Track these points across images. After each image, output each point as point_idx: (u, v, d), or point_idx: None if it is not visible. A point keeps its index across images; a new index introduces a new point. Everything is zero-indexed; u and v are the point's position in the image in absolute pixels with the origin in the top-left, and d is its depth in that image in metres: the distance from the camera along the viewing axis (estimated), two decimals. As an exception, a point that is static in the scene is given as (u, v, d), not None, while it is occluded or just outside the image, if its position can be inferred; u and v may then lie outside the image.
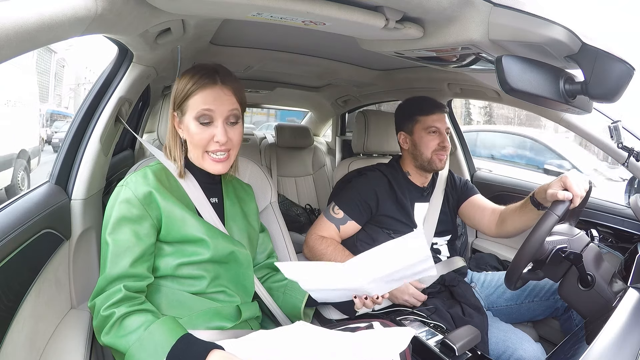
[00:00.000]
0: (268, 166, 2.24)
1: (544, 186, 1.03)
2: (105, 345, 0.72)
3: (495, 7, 0.70)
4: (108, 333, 0.71)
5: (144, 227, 0.78)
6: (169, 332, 0.69)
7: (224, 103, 0.83)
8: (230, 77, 0.85)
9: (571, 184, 0.94)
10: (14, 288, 0.71)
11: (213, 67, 0.85)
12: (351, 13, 0.73)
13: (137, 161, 1.10)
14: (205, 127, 0.82)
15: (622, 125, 1.07)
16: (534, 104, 0.72)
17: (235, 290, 0.88)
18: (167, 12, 0.74)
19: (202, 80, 0.82)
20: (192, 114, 0.82)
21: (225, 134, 0.82)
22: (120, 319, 0.71)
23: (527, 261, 0.90)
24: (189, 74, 0.84)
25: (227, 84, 0.83)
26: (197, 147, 0.84)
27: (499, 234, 1.27)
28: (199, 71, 0.83)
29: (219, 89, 0.82)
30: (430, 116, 1.31)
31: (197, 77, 0.82)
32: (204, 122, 0.82)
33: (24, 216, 0.77)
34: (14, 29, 0.44)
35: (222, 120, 0.83)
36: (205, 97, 0.81)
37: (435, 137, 1.30)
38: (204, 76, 0.82)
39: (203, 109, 0.81)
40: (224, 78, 0.83)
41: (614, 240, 1.34)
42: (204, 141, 0.83)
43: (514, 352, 1.05)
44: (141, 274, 0.76)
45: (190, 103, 0.82)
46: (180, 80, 0.84)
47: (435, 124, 1.30)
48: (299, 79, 2.05)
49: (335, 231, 1.28)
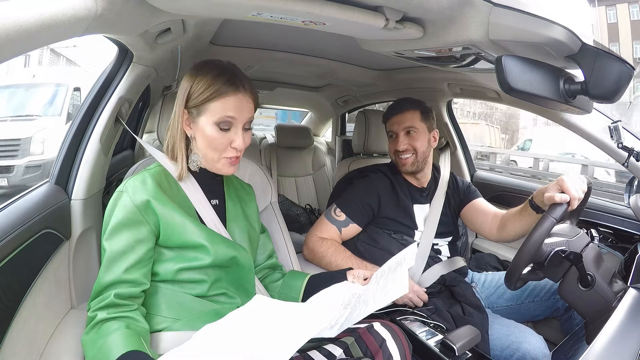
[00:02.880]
0: (268, 166, 2.24)
1: (542, 189, 1.03)
2: (82, 343, 0.72)
3: (495, 7, 0.70)
4: (87, 333, 0.72)
5: (141, 232, 0.77)
6: (123, 344, 0.68)
7: (245, 111, 0.83)
8: (249, 82, 0.85)
9: (568, 186, 0.94)
10: (14, 288, 0.71)
11: (232, 71, 0.83)
12: (351, 13, 0.73)
13: (137, 161, 1.10)
14: (225, 133, 0.82)
15: (622, 125, 1.07)
16: (534, 103, 0.72)
17: (236, 292, 0.88)
18: (167, 12, 0.74)
19: (226, 87, 0.80)
20: (212, 117, 0.81)
21: (243, 140, 0.83)
22: (100, 323, 0.71)
23: (526, 264, 0.90)
24: (206, 75, 0.81)
25: (248, 92, 0.83)
26: (214, 150, 0.83)
27: (500, 239, 1.27)
28: (220, 75, 0.81)
29: (242, 97, 0.82)
30: (388, 120, 1.34)
31: (219, 84, 0.80)
32: (224, 128, 0.82)
33: (24, 216, 0.77)
34: (14, 29, 0.45)
35: (241, 127, 0.83)
36: (229, 104, 0.81)
37: (393, 142, 1.33)
38: (227, 83, 0.81)
39: (226, 116, 0.81)
40: (245, 84, 0.83)
41: (614, 240, 1.34)
42: (223, 146, 0.83)
43: (519, 346, 1.04)
44: (135, 279, 0.75)
45: (210, 107, 0.81)
46: (196, 80, 0.81)
47: (392, 128, 1.33)
48: (299, 79, 2.05)
49: (337, 233, 1.28)
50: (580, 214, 1.08)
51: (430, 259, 1.28)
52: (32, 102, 5.35)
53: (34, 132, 4.76)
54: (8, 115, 5.10)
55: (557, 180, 0.97)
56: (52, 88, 5.42)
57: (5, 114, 5.12)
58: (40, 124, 4.96)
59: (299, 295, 0.94)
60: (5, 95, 5.38)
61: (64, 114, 5.24)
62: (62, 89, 5.38)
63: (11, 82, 5.58)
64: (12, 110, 5.21)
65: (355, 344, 0.79)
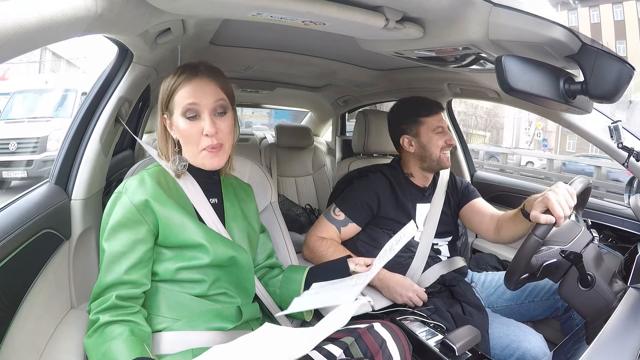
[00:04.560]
0: (268, 166, 2.24)
1: (532, 199, 1.00)
2: (85, 347, 0.72)
3: (495, 7, 0.70)
4: (90, 337, 0.72)
5: (140, 233, 0.77)
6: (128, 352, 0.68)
7: (208, 94, 0.82)
8: (212, 69, 0.85)
9: (553, 205, 0.90)
10: (14, 288, 0.72)
11: (194, 63, 0.85)
12: (351, 13, 0.73)
13: (137, 161, 1.10)
14: (193, 122, 0.81)
15: (622, 125, 1.06)
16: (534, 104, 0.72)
17: (236, 292, 0.87)
18: (167, 12, 0.74)
19: (183, 75, 0.82)
20: (178, 110, 0.82)
21: (213, 125, 0.81)
22: (103, 326, 0.71)
23: (521, 273, 0.91)
24: (171, 73, 0.84)
25: (208, 75, 0.83)
26: (191, 144, 0.83)
27: (496, 240, 1.27)
28: (180, 68, 0.84)
29: (200, 81, 0.82)
30: (434, 116, 1.32)
31: (178, 73, 0.82)
32: (190, 117, 0.81)
33: (24, 216, 0.77)
34: (14, 29, 0.45)
35: (208, 112, 0.82)
36: (188, 91, 0.81)
37: (442, 136, 1.31)
38: (184, 72, 0.82)
39: (188, 104, 0.81)
40: (204, 70, 0.83)
41: (614, 240, 1.34)
42: (195, 136, 0.82)
43: (519, 345, 1.04)
44: (136, 280, 0.75)
45: (175, 100, 0.82)
46: (164, 81, 0.85)
47: (441, 124, 1.31)
48: (299, 79, 2.05)
49: (336, 232, 1.28)
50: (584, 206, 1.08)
51: (430, 258, 1.28)
52: (45, 105, 6.19)
53: (50, 131, 5.43)
54: (25, 117, 5.94)
55: (543, 197, 0.94)
56: (63, 93, 6.28)
57: (22, 116, 5.98)
58: (54, 124, 5.63)
59: (300, 288, 0.94)
60: (21, 99, 6.26)
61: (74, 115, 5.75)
62: (72, 93, 6.18)
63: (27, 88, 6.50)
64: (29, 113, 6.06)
65: (355, 344, 0.79)
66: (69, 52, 15.03)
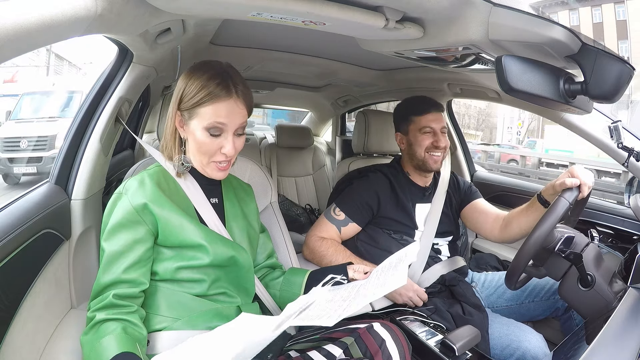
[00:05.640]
0: (268, 166, 2.24)
1: (552, 183, 1.07)
2: (80, 343, 0.72)
3: (495, 7, 0.70)
4: (86, 334, 0.72)
5: (139, 233, 0.77)
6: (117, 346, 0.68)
7: (237, 117, 0.80)
8: (244, 86, 0.82)
9: (579, 173, 0.99)
10: (14, 288, 0.72)
11: (227, 73, 0.80)
12: (351, 13, 0.73)
13: (137, 161, 1.10)
14: (215, 138, 0.80)
15: (622, 125, 1.07)
16: (534, 104, 0.72)
17: (236, 292, 0.87)
18: (167, 12, 0.74)
19: (216, 92, 0.78)
20: (201, 122, 0.79)
21: (233, 146, 0.81)
22: (98, 323, 0.71)
23: (536, 248, 0.89)
24: (200, 78, 0.79)
25: (242, 97, 0.81)
26: (203, 154, 0.82)
27: (502, 239, 1.28)
28: (213, 78, 0.78)
29: (234, 103, 0.79)
30: (424, 116, 1.31)
31: (211, 87, 0.77)
32: (214, 134, 0.80)
33: (24, 216, 0.77)
34: (14, 29, 0.45)
35: (232, 132, 0.81)
36: (219, 110, 0.78)
37: (429, 136, 1.30)
38: (219, 87, 0.78)
39: (216, 122, 0.79)
40: (238, 89, 0.80)
41: (614, 240, 1.34)
42: (212, 151, 0.81)
43: (519, 345, 1.04)
44: (135, 279, 0.75)
45: (201, 111, 0.79)
46: (190, 82, 0.80)
47: (430, 124, 1.30)
48: (299, 79, 2.05)
49: (336, 232, 1.28)
50: (580, 214, 1.08)
51: (430, 258, 1.28)
52: (52, 106, 6.65)
53: (58, 130, 5.68)
54: (34, 117, 6.40)
55: (567, 170, 1.03)
56: (69, 94, 6.67)
57: (31, 116, 6.44)
58: (62, 124, 5.87)
59: (300, 291, 0.94)
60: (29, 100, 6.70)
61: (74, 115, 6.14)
62: (77, 94, 6.53)
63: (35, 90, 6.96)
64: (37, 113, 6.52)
65: (355, 344, 0.79)
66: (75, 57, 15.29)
